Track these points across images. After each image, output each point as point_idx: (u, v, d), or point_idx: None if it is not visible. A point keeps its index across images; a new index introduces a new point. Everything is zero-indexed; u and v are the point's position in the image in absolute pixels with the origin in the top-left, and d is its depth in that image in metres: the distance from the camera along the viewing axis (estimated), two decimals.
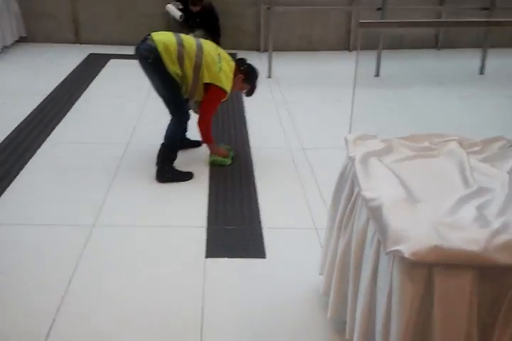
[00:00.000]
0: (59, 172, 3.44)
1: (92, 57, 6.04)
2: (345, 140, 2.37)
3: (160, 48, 3.17)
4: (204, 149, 3.77)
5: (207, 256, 2.66)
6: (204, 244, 2.76)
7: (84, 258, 2.59)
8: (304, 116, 4.59)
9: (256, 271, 2.58)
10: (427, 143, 2.32)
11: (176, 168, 3.41)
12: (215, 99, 3.38)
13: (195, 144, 3.87)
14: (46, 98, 4.73)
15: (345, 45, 6.81)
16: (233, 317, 2.26)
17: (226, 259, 2.65)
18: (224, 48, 6.42)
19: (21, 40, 6.42)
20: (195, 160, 3.68)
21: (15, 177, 3.33)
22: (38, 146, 3.76)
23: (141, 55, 3.25)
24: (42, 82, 5.15)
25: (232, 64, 3.42)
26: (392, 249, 1.66)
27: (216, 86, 3.29)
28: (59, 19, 6.55)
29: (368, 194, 1.94)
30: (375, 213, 1.84)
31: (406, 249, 1.62)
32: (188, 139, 3.83)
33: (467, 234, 1.65)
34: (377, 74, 5.77)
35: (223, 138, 4.11)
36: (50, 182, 3.31)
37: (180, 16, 5.86)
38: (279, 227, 2.95)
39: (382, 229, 1.76)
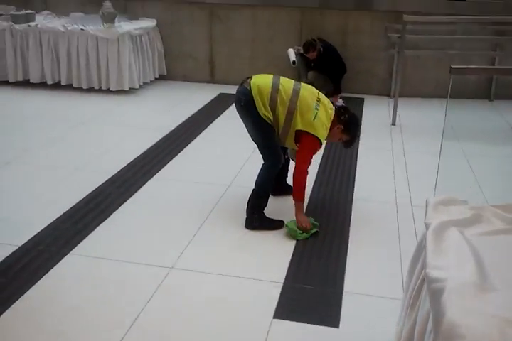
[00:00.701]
0: (155, 209, 3.51)
1: (221, 97, 6.25)
2: (426, 203, 2.10)
3: (254, 92, 3.12)
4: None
5: (275, 316, 2.49)
6: (275, 302, 2.59)
7: (154, 300, 2.57)
8: (421, 169, 4.24)
9: None
10: None
11: (267, 215, 3.31)
12: (310, 148, 3.19)
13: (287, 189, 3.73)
14: (167, 134, 4.94)
15: (485, 93, 6.31)
16: None
17: (294, 323, 2.46)
18: (352, 92, 6.43)
19: (161, 77, 6.86)
20: (290, 208, 3.54)
21: (114, 210, 3.45)
22: (145, 182, 3.90)
23: (236, 98, 3.24)
24: (168, 118, 5.40)
25: (332, 112, 3.22)
26: None
27: (310, 134, 3.12)
28: (197, 59, 6.91)
29: (432, 273, 1.67)
30: (434, 297, 1.57)
31: None
32: (288, 185, 3.72)
33: None
34: None
35: (327, 184, 3.95)
36: (144, 218, 3.38)
37: (293, 62, 5.92)
38: (361, 294, 2.68)
39: (436, 319, 1.49)
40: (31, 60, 6.25)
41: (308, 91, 3.22)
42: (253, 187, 3.31)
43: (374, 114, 5.82)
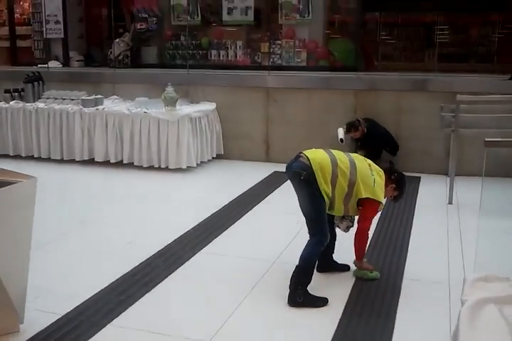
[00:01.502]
0: (199, 283, 3.49)
1: (275, 175, 6.33)
2: (464, 280, 2.00)
3: (315, 167, 3.19)
4: (347, 274, 3.55)
5: None
6: None
7: None
8: (484, 245, 4.04)
9: None
10: None
11: (310, 292, 3.21)
12: (373, 211, 3.42)
13: (343, 268, 3.65)
14: (219, 210, 5.01)
15: None
16: None
17: None
18: (408, 171, 6.37)
19: (218, 156, 7.09)
20: (335, 285, 3.45)
21: (158, 283, 3.47)
22: (192, 255, 3.92)
23: (293, 173, 3.28)
24: (222, 195, 5.50)
25: (383, 174, 3.43)
26: None
27: (372, 200, 3.30)
28: (253, 139, 7.13)
29: None
30: None
31: None
32: (335, 262, 3.65)
33: None
34: None
35: (377, 262, 3.83)
36: (186, 292, 3.36)
37: (340, 140, 6.14)
38: None
39: None
40: (97, 140, 6.65)
41: (360, 160, 3.40)
42: (298, 263, 3.27)
43: (430, 192, 5.71)
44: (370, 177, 3.32)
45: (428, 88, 6.67)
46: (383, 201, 3.39)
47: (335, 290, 3.36)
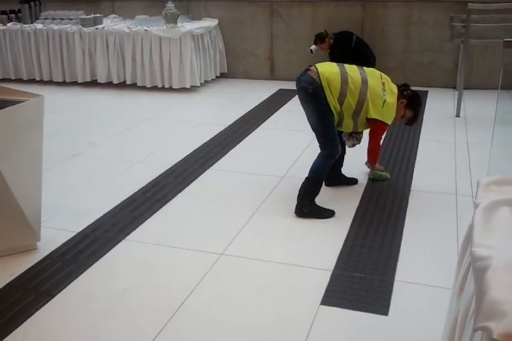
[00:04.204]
0: (209, 198, 3.55)
1: (280, 93, 6.25)
2: (478, 184, 2.00)
3: (323, 83, 3.12)
4: (356, 187, 3.60)
5: (322, 303, 2.46)
6: (324, 290, 2.55)
7: (202, 285, 2.60)
8: (484, 160, 4.06)
9: (371, 329, 2.29)
10: None
11: (318, 203, 3.26)
12: (380, 131, 3.44)
13: (352, 182, 3.69)
14: (225, 128, 5.00)
15: None
16: None
17: (341, 310, 2.41)
18: (416, 85, 6.24)
19: (222, 75, 6.96)
20: (344, 197, 3.49)
21: (170, 199, 3.53)
22: (201, 173, 3.96)
23: (301, 86, 3.21)
24: (228, 113, 5.47)
25: (396, 91, 3.34)
26: (481, 324, 1.31)
27: (380, 121, 3.27)
28: (258, 56, 6.96)
29: (477, 251, 1.58)
30: (479, 275, 1.49)
31: (497, 327, 1.26)
32: (343, 175, 3.67)
33: None
34: None
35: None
36: (198, 207, 3.43)
37: (310, 51, 5.97)
38: (413, 283, 2.60)
39: (479, 297, 1.41)
40: (98, 61, 6.51)
41: (373, 78, 3.27)
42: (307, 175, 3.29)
43: (438, 106, 5.64)
44: (381, 97, 3.22)
45: None
46: (390, 123, 3.34)
47: (343, 203, 3.41)
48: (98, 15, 6.88)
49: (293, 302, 2.47)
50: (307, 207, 3.21)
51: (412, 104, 3.40)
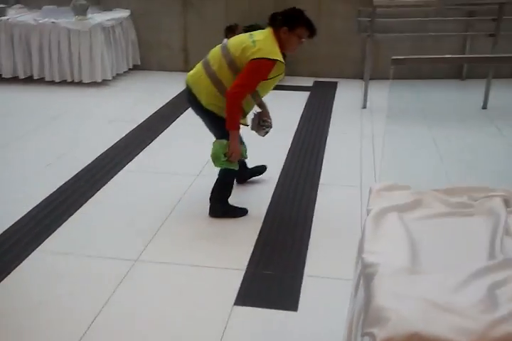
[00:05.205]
0: (122, 202, 3.54)
1: None
2: (370, 190, 2.14)
3: (190, 84, 3.14)
4: (267, 186, 3.70)
5: (235, 303, 2.55)
6: (237, 290, 2.64)
7: (117, 292, 2.61)
8: (390, 151, 4.29)
9: (282, 325, 2.41)
10: (465, 198, 2.02)
11: (231, 203, 3.34)
12: (256, 70, 2.90)
13: (261, 170, 3.75)
14: (138, 126, 4.96)
15: (457, 73, 6.35)
16: None
17: (254, 309, 2.52)
18: (326, 76, 6.45)
19: (135, 67, 6.85)
20: (255, 196, 3.59)
21: (82, 205, 3.48)
22: (114, 174, 3.92)
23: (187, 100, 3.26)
24: (140, 109, 5.41)
25: (268, 29, 3.01)
26: (367, 330, 1.44)
27: (257, 59, 2.88)
28: (171, 48, 6.90)
29: (366, 258, 1.71)
30: (366, 282, 1.62)
31: (380, 333, 1.39)
32: (249, 169, 3.72)
33: (461, 320, 1.38)
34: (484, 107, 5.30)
35: (295, 169, 4.01)
36: (110, 212, 3.41)
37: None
38: (321, 277, 2.75)
39: (366, 303, 1.54)
40: (3, 55, 6.22)
41: (236, 38, 3.11)
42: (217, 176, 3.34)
43: (346, 97, 5.87)
44: (248, 42, 2.93)
45: None
46: (277, 57, 2.91)
47: (255, 200, 3.52)
48: (1, 5, 6.53)
49: (207, 304, 2.55)
50: (220, 207, 3.28)
51: (294, 23, 2.98)
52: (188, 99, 3.22)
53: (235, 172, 3.27)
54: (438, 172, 3.92)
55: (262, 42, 2.93)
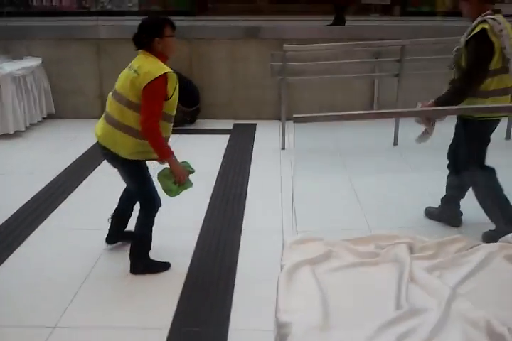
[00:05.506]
0: (38, 264, 3.38)
1: None
2: (283, 244, 2.18)
3: (100, 140, 3.09)
4: (190, 234, 3.67)
5: None
6: None
7: None
8: (310, 193, 4.38)
9: None
10: (372, 247, 2.10)
11: (152, 256, 3.27)
12: (153, 94, 2.87)
13: (131, 237, 3.35)
14: (56, 177, 4.82)
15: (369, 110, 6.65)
16: None
17: None
18: (244, 119, 6.58)
19: (50, 116, 6.69)
20: (177, 247, 3.54)
21: None
22: (29, 234, 3.75)
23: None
24: (58, 159, 5.26)
25: (139, 53, 3.03)
26: None
27: (149, 82, 2.85)
28: (86, 95, 6.82)
29: (280, 318, 1.74)
30: None
31: None
32: (125, 231, 3.51)
33: None
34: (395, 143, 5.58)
35: (218, 215, 4.02)
36: (24, 277, 3.24)
37: None
38: (247, 329, 2.73)
39: None
40: None
41: (119, 78, 3.08)
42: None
43: (266, 139, 6.00)
44: (129, 76, 2.92)
45: (260, 35, 6.81)
46: (164, 70, 2.90)
47: (178, 252, 3.46)
48: None
49: None
50: (141, 264, 3.21)
51: (159, 28, 2.96)
52: (103, 153, 3.17)
53: (151, 224, 3.20)
54: (355, 212, 4.04)
55: (142, 67, 2.90)
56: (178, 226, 3.80)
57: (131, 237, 3.31)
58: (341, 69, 6.28)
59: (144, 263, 3.22)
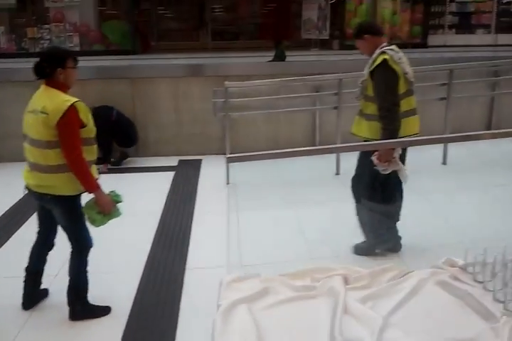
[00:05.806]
0: None
1: None
2: (220, 283, 2.15)
3: (33, 188, 3.01)
4: (131, 275, 3.57)
5: None
6: None
7: None
8: (255, 227, 4.38)
9: None
10: (308, 281, 2.10)
11: (92, 301, 3.16)
12: (67, 127, 2.83)
13: (46, 293, 3.37)
14: None
15: (311, 143, 6.77)
16: None
17: None
18: (189, 154, 6.58)
19: None
20: (118, 289, 3.45)
21: None
22: None
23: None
24: None
25: (41, 87, 2.97)
26: None
27: (61, 117, 2.80)
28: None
29: None
30: None
31: None
32: (42, 290, 3.37)
33: None
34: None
35: (162, 253, 3.96)
36: None
37: None
38: None
39: None
40: None
41: (28, 122, 2.96)
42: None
43: (211, 174, 6.00)
44: (38, 118, 2.83)
45: (202, 73, 6.90)
46: (74, 101, 2.85)
47: (118, 294, 3.37)
48: None
49: None
50: (80, 310, 3.11)
51: (61, 60, 2.91)
52: (38, 198, 3.08)
53: (84, 268, 3.11)
54: (298, 244, 4.05)
55: (48, 106, 2.83)
56: (119, 267, 3.72)
57: (47, 293, 3.31)
58: (283, 104, 6.42)
59: (83, 309, 3.11)
